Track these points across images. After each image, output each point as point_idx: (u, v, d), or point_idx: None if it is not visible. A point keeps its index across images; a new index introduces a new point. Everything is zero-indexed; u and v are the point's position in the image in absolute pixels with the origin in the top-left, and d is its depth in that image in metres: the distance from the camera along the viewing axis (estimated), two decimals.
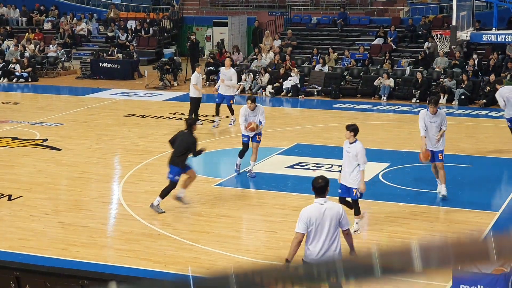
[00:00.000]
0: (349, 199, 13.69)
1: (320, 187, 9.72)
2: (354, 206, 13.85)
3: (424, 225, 14.39)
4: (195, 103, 23.18)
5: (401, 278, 2.69)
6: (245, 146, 17.56)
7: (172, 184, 15.01)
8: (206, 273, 2.64)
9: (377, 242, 13.70)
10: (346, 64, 31.17)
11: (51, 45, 36.89)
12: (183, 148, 14.95)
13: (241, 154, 17.62)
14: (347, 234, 9.96)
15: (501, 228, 14.12)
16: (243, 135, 17.58)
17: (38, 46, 37.32)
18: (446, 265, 2.52)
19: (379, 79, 28.43)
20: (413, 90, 27.67)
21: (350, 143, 13.56)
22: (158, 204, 14.94)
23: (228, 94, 23.10)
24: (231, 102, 23.15)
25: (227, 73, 23.25)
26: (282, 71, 30.08)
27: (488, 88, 26.48)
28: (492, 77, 27.29)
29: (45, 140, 21.60)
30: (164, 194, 14.98)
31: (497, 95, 19.38)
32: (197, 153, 15.04)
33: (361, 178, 13.56)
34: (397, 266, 2.58)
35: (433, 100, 16.10)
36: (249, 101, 17.60)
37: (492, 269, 10.97)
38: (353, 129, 13.59)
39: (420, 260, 2.51)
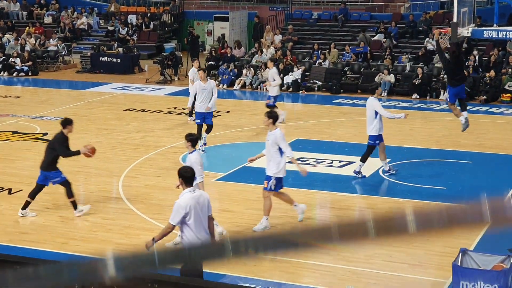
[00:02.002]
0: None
1: (190, 176, 10.04)
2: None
3: None
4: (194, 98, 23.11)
5: (397, 239, 2.71)
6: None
7: None
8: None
9: None
10: (346, 59, 31.14)
11: (51, 39, 36.87)
12: None
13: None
14: (210, 220, 10.26)
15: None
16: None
17: (39, 40, 37.29)
18: (441, 227, 2.53)
19: (380, 75, 28.40)
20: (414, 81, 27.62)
21: (270, 131, 13.47)
22: None
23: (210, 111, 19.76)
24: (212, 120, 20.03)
25: (207, 86, 19.46)
26: (281, 66, 30.06)
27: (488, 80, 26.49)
28: (492, 73, 27.29)
29: (45, 134, 21.58)
30: None
31: None
32: None
33: (296, 165, 14.06)
34: (393, 229, 2.60)
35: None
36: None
37: (492, 266, 10.98)
38: (271, 116, 13.45)
39: (414, 223, 2.53)
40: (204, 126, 19.51)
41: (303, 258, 12.60)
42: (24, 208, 14.59)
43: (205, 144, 19.54)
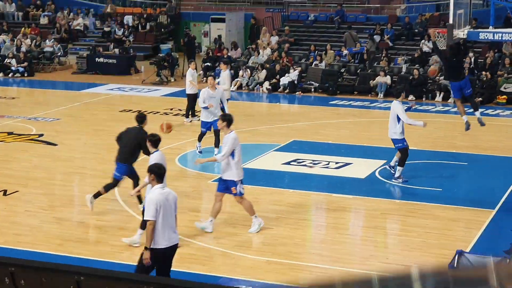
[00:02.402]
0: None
1: (162, 173, 10.16)
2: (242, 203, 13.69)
3: (420, 222, 14.40)
4: (192, 99, 23.18)
5: None
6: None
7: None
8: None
9: (373, 239, 13.71)
10: (344, 58, 31.15)
11: (47, 40, 36.81)
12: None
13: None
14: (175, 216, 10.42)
15: (496, 227, 14.13)
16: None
17: (35, 41, 37.22)
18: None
19: (373, 81, 28.43)
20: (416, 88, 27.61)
21: (225, 134, 13.34)
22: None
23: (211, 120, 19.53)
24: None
25: (216, 94, 19.05)
26: (277, 67, 30.07)
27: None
28: (488, 75, 27.32)
29: (41, 135, 21.55)
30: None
31: None
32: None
33: (210, 159, 14.42)
34: None
35: None
36: None
37: None
38: (226, 119, 13.36)
39: (419, 285, 2.52)
40: (208, 134, 19.16)
41: (300, 260, 12.60)
42: (95, 196, 14.83)
43: (200, 152, 19.29)
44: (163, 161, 12.29)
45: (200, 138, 19.23)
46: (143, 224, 11.98)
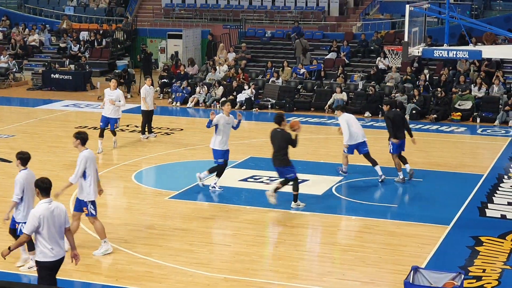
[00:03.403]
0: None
1: (47, 187, 10.16)
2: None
3: (376, 239, 14.48)
4: (146, 116, 23.13)
5: None
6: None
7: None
8: None
9: (330, 256, 13.75)
10: (300, 74, 31.29)
11: (2, 56, 36.40)
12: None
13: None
14: (68, 231, 10.42)
15: (451, 243, 14.27)
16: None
17: None
18: None
19: (334, 95, 28.62)
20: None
21: (80, 152, 13.07)
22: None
23: (114, 116, 21.55)
24: (115, 125, 21.73)
25: (113, 94, 21.46)
26: (234, 84, 30.11)
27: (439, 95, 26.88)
28: (442, 93, 27.66)
29: None
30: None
31: None
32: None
33: (65, 185, 13.49)
34: None
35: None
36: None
37: (443, 283, 11.07)
38: (79, 137, 13.09)
39: None
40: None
41: (257, 277, 12.58)
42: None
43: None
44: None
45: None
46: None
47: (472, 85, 28.57)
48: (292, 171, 16.16)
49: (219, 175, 17.64)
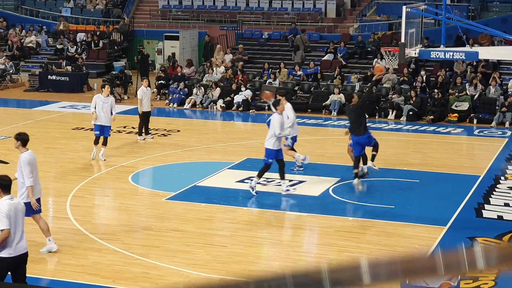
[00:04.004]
0: None
1: (7, 184, 10.37)
2: None
3: (373, 239, 14.49)
4: (143, 117, 23.13)
5: None
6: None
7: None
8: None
9: (327, 256, 13.76)
10: (297, 76, 31.32)
11: None
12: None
13: None
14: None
15: (448, 244, 14.28)
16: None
17: None
18: (394, 279, 2.53)
19: (332, 96, 28.63)
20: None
21: (21, 153, 12.93)
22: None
23: (108, 124, 20.69)
24: (110, 132, 20.85)
25: (107, 100, 20.82)
26: (234, 86, 30.07)
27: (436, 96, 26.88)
28: (439, 94, 27.69)
29: None
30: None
31: None
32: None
33: (30, 198, 12.81)
34: (346, 280, 2.58)
35: None
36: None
37: (440, 283, 11.08)
38: (19, 138, 13.04)
39: (368, 275, 2.52)
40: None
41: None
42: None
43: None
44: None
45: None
46: None
47: (467, 84, 28.57)
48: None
49: (260, 175, 17.32)
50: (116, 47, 39.78)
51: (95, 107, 20.63)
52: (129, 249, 13.74)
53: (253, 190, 17.12)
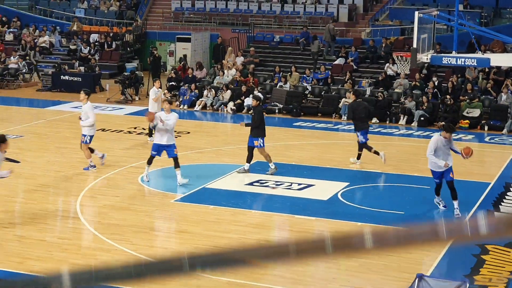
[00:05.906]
0: None
1: None
2: None
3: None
4: None
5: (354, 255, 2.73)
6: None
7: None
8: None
9: (334, 261, 13.74)
10: (309, 82, 31.31)
11: (12, 57, 36.54)
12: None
13: None
14: None
15: (457, 250, 14.25)
16: None
17: None
18: (397, 243, 2.56)
19: (344, 99, 28.60)
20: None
21: None
22: None
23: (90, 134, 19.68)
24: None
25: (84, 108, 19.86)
26: (244, 89, 30.08)
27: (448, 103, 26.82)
28: (451, 101, 27.63)
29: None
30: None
31: None
32: None
33: None
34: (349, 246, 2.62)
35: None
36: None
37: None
38: None
39: (371, 241, 2.55)
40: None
41: (261, 281, 12.58)
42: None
43: None
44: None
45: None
46: None
47: (502, 93, 28.31)
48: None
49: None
50: (128, 49, 39.88)
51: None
52: (138, 250, 13.77)
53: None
